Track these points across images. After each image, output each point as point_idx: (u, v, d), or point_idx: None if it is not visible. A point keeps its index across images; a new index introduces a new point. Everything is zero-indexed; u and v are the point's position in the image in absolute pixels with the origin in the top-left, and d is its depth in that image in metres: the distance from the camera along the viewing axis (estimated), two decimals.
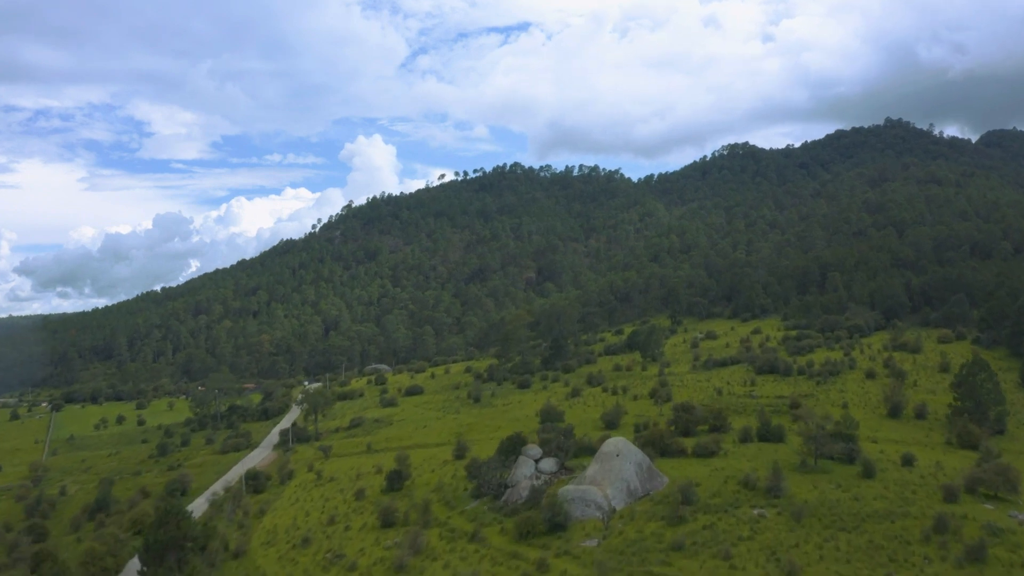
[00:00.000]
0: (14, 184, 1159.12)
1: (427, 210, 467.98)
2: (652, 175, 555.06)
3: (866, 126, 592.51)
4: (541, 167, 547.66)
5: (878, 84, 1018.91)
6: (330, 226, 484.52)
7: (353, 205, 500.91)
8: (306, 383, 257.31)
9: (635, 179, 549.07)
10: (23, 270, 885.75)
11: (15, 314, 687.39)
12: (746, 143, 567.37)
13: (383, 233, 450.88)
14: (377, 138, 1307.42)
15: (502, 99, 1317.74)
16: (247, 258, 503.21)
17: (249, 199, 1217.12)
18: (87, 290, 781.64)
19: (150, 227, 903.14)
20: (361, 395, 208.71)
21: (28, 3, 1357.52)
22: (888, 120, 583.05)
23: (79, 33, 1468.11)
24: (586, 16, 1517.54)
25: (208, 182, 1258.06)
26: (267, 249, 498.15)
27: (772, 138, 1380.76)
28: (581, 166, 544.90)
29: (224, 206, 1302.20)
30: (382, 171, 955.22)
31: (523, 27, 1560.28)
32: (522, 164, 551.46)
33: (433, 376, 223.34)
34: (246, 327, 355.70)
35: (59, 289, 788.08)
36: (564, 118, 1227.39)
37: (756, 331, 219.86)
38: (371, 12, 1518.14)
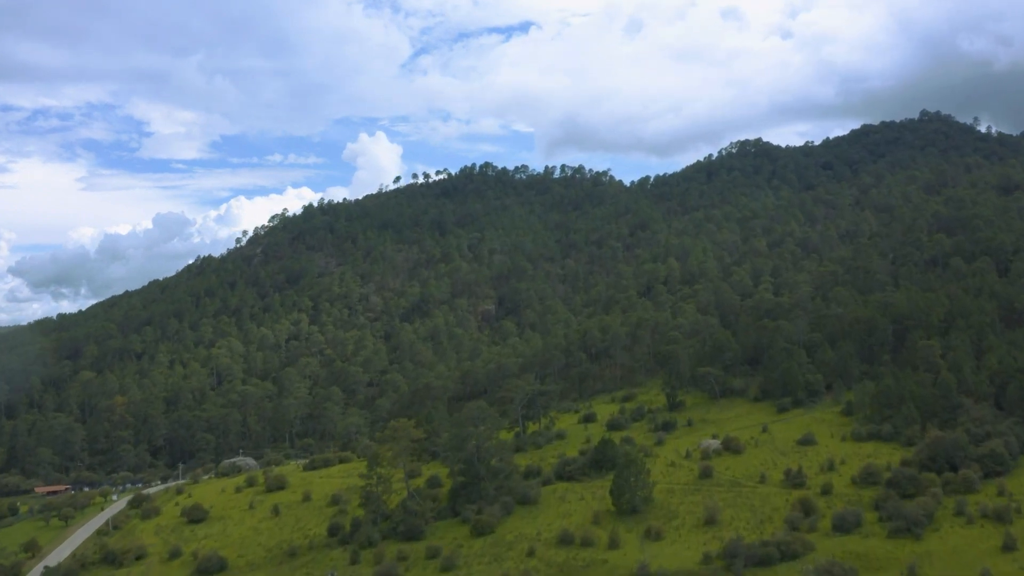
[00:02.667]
0: (12, 184, 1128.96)
1: (371, 221, 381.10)
2: (648, 177, 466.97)
3: (897, 120, 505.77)
4: (516, 168, 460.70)
5: (912, 78, 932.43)
6: (256, 239, 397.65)
7: (287, 213, 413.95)
8: (114, 496, 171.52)
9: (628, 182, 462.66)
10: (17, 271, 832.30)
11: (14, 315, 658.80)
12: (759, 139, 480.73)
13: (312, 250, 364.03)
14: (381, 136, 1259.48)
15: (508, 97, 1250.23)
16: (161, 278, 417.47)
17: (250, 199, 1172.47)
18: (83, 291, 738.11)
19: (150, 227, 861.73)
20: (140, 557, 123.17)
21: (25, 1, 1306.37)
22: (924, 113, 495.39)
23: (77, 31, 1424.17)
24: (596, 11, 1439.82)
25: (210, 182, 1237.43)
26: (183, 268, 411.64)
27: (787, 136, 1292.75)
28: (563, 167, 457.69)
29: (224, 206, 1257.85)
30: (388, 171, 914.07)
31: (526, 27, 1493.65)
32: (494, 164, 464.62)
33: (277, 512, 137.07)
34: (106, 381, 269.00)
35: (53, 289, 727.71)
36: (573, 115, 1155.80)
37: (807, 440, 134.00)
38: (373, 11, 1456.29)
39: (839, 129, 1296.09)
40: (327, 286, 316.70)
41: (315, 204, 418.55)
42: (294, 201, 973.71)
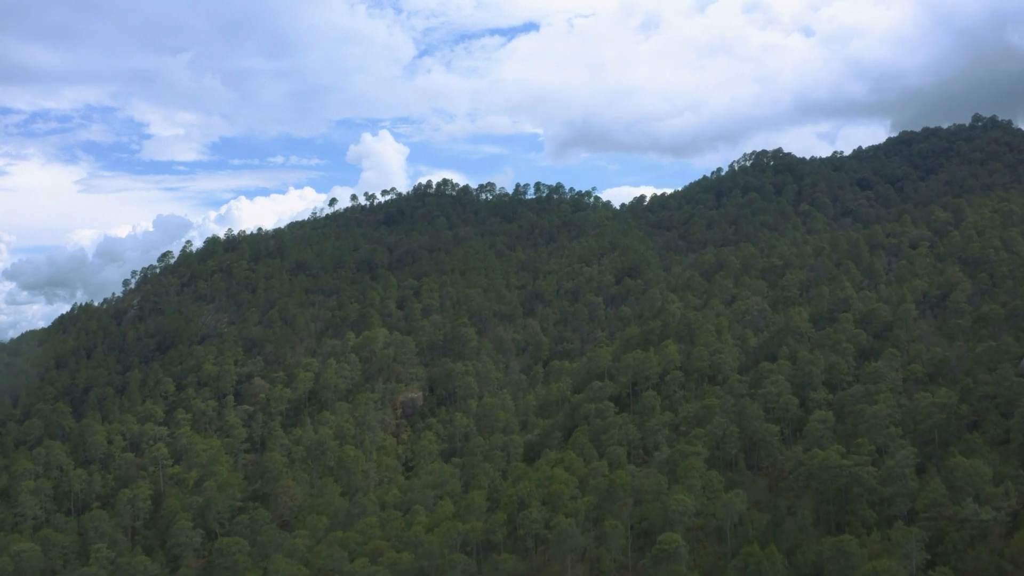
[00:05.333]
0: (12, 187, 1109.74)
1: (285, 261, 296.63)
2: (643, 197, 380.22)
3: (944, 126, 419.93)
4: (481, 186, 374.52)
5: (952, 74, 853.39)
6: (142, 284, 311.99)
7: (191, 248, 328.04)
8: None
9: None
10: (11, 273, 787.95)
11: (12, 318, 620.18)
12: (778, 150, 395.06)
13: (203, 300, 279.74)
14: (386, 135, 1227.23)
15: (516, 95, 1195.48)
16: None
17: (250, 199, 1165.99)
18: (79, 293, 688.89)
19: (150, 229, 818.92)
20: None
21: (22, 2, 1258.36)
22: (977, 118, 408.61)
23: (75, 32, 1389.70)
24: (603, 11, 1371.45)
25: (212, 184, 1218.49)
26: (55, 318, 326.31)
27: (808, 137, 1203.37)
28: (539, 184, 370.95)
29: (225, 207, 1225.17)
30: (394, 171, 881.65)
31: (528, 28, 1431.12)
32: (455, 182, 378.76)
33: None
34: None
35: (47, 291, 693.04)
36: (585, 113, 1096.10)
37: None
38: (376, 11, 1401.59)
39: (864, 128, 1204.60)
40: (200, 360, 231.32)
41: (284, 221, 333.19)
42: (297, 202, 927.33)
